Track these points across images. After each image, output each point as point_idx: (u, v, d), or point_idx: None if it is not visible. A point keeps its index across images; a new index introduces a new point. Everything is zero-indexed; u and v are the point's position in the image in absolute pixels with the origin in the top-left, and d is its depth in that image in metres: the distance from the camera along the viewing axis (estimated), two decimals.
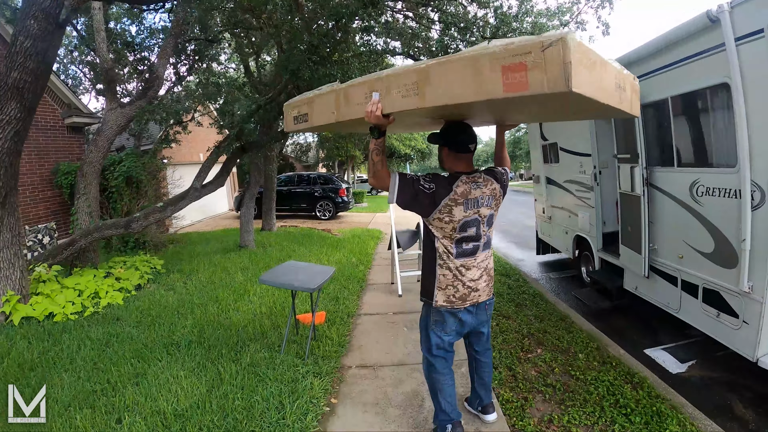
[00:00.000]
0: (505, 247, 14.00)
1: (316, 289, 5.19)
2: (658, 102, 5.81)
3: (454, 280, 3.50)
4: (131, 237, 12.03)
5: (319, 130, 4.04)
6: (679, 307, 5.81)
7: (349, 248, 12.59)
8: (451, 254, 3.47)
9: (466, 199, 3.35)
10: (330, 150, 33.07)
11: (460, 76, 2.33)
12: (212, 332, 6.13)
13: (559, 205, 9.43)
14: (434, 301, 3.56)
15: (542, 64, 2.00)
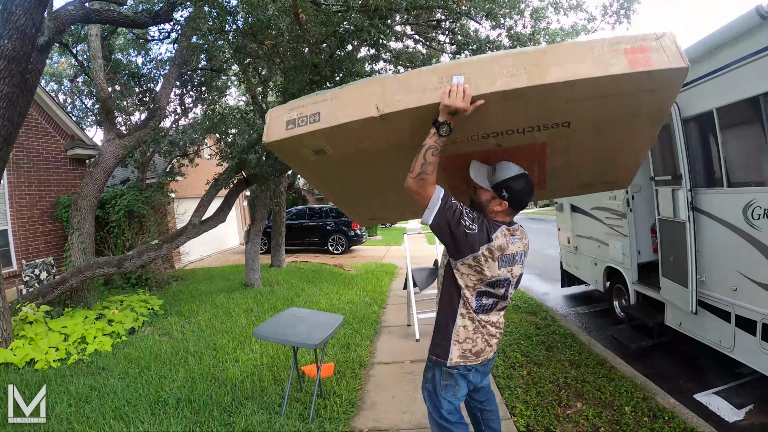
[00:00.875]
0: (527, 280, 13.20)
1: (318, 345, 4.50)
2: (701, 115, 5.16)
3: (474, 333, 2.99)
4: (132, 274, 11.49)
5: (330, 139, 2.69)
6: (732, 345, 5.07)
7: (362, 285, 11.87)
8: (470, 308, 2.95)
9: (502, 255, 2.84)
10: None
11: (580, 56, 2.37)
12: (205, 388, 5.43)
13: (587, 234, 8.72)
14: (449, 359, 3.00)
15: (660, 48, 2.32)
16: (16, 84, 5.71)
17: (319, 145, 2.71)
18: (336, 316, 5.33)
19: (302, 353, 6.43)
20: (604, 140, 2.84)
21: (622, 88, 2.41)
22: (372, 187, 3.27)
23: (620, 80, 2.33)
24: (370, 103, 2.53)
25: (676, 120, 5.34)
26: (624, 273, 7.44)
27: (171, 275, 13.47)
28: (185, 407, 4.95)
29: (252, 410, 4.85)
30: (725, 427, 4.70)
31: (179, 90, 11.93)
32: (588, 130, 2.71)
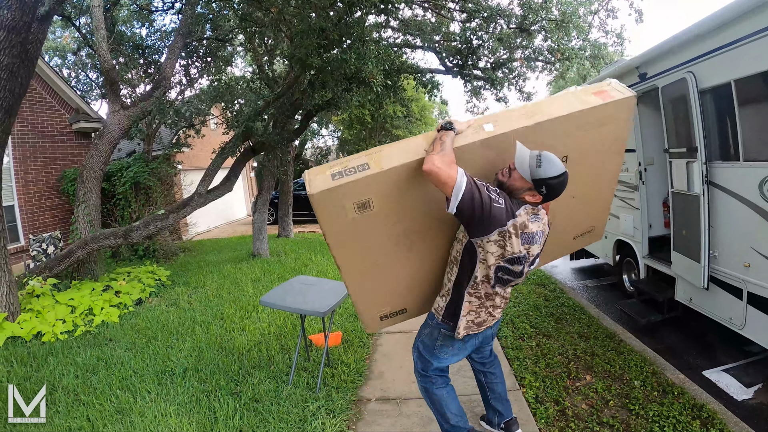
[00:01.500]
0: None
1: (327, 312, 4.45)
2: (719, 87, 4.97)
3: (479, 307, 3.16)
4: (140, 246, 11.50)
5: (380, 188, 2.81)
6: (743, 322, 4.95)
7: None
8: (489, 282, 3.03)
9: (523, 232, 2.91)
10: (350, 153, 32.47)
11: (567, 100, 3.22)
12: (212, 357, 5.43)
13: None
14: (456, 332, 3.18)
15: (612, 89, 3.33)
16: (16, 54, 5.61)
17: (366, 196, 2.79)
18: (343, 284, 5.22)
19: (309, 322, 6.42)
20: (579, 177, 3.27)
21: (597, 118, 3.23)
22: (404, 257, 3.20)
23: (597, 110, 3.18)
24: (418, 149, 2.84)
25: (693, 91, 5.18)
26: (634, 247, 7.34)
27: (178, 246, 13.46)
28: (192, 377, 4.95)
29: (259, 379, 4.85)
30: (733, 405, 4.64)
31: (184, 61, 11.77)
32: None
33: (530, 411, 4.35)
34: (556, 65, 10.92)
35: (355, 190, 2.74)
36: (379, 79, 7.65)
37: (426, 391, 3.52)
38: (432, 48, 10.29)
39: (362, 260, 3.12)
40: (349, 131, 28.65)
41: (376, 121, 28.60)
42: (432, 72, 10.80)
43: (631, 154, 6.98)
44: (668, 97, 5.85)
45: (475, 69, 10.44)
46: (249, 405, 4.34)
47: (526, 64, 10.73)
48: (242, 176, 24.06)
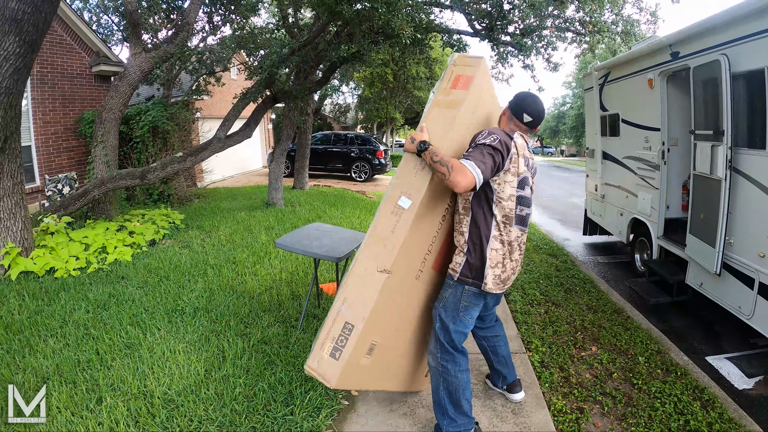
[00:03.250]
0: (548, 224, 13.14)
1: (342, 258, 4.43)
2: (753, 72, 4.85)
3: (504, 258, 3.10)
4: (155, 189, 11.63)
5: (376, 332, 3.00)
6: (752, 312, 4.95)
7: None
8: (511, 221, 3.08)
9: (524, 154, 3.11)
10: (369, 111, 32.33)
11: (442, 118, 3.19)
12: (223, 299, 5.50)
13: (616, 183, 8.54)
14: (483, 284, 3.06)
15: (464, 68, 3.33)
16: None
17: (368, 343, 2.96)
18: (359, 233, 5.26)
19: (321, 272, 6.47)
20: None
21: (472, 107, 3.27)
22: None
23: (469, 103, 3.20)
24: (376, 274, 2.91)
25: (725, 74, 5.06)
26: (650, 226, 7.31)
27: (193, 193, 13.55)
28: (202, 316, 5.04)
29: (269, 322, 4.93)
30: (734, 393, 4.65)
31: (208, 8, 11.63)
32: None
33: (535, 375, 4.40)
34: (586, 38, 10.74)
35: (359, 353, 2.89)
36: (408, 32, 7.56)
37: (445, 371, 3.23)
38: (461, 9, 10.13)
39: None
40: (370, 89, 28.40)
41: (398, 80, 28.38)
42: (460, 33, 10.64)
43: (654, 133, 6.92)
44: (699, 78, 5.74)
45: (503, 34, 10.28)
46: (257, 347, 4.41)
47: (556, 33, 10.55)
48: (260, 128, 24.04)
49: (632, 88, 7.60)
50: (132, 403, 3.53)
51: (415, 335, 3.48)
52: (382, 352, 3.08)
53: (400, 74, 27.56)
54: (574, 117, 49.93)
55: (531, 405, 3.93)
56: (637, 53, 7.20)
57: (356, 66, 22.12)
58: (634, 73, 7.43)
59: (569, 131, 53.47)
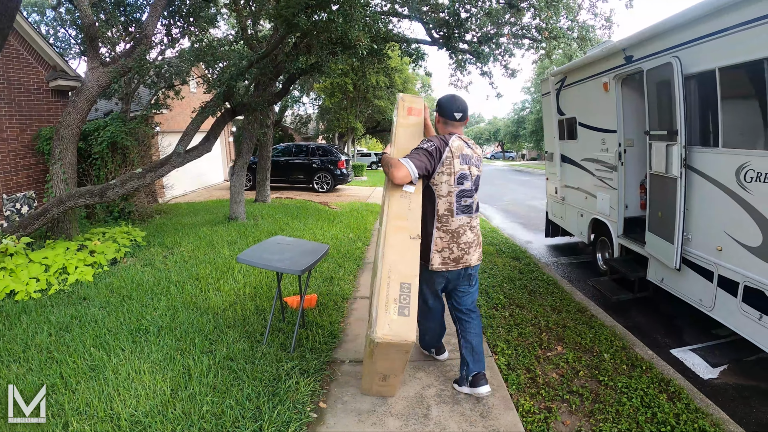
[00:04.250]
0: (510, 228, 13.30)
1: (303, 271, 4.40)
2: (704, 73, 5.02)
3: (449, 243, 3.83)
4: (115, 207, 11.40)
5: None
6: (713, 304, 5.12)
7: (346, 223, 11.90)
8: (453, 213, 3.82)
9: (461, 154, 3.81)
10: (330, 122, 32.30)
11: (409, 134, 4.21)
12: (186, 316, 5.41)
13: (575, 185, 8.70)
14: (430, 264, 3.84)
15: (414, 102, 4.42)
16: None
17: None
18: (321, 245, 5.25)
19: (285, 284, 6.46)
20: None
21: (420, 127, 4.29)
22: None
23: (420, 123, 4.31)
24: (410, 241, 3.55)
25: (677, 76, 5.22)
26: (610, 226, 7.46)
27: (154, 209, 13.32)
28: (167, 335, 4.94)
29: (234, 338, 4.86)
30: (699, 383, 4.77)
31: (166, 20, 11.49)
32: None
33: (502, 378, 4.43)
34: (543, 44, 10.91)
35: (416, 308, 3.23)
36: (365, 42, 7.59)
37: (421, 316, 4.12)
38: (419, 18, 10.21)
39: None
40: (330, 99, 28.40)
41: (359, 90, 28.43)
42: (418, 42, 10.70)
43: (611, 135, 7.09)
44: (652, 80, 5.90)
45: (461, 42, 10.39)
46: (223, 363, 4.35)
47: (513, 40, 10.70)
48: (220, 141, 23.83)
49: (588, 92, 7.77)
50: (99, 427, 3.45)
51: None
52: None
53: (360, 84, 27.62)
54: (533, 121, 50.91)
55: (499, 407, 3.96)
56: (592, 58, 7.36)
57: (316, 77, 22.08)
58: (590, 77, 7.60)
59: (529, 135, 54.42)
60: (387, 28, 10.15)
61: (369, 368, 3.60)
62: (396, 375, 3.66)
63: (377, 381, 3.77)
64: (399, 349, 3.10)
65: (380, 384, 3.83)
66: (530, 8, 10.14)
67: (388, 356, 3.24)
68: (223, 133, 23.22)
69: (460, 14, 9.86)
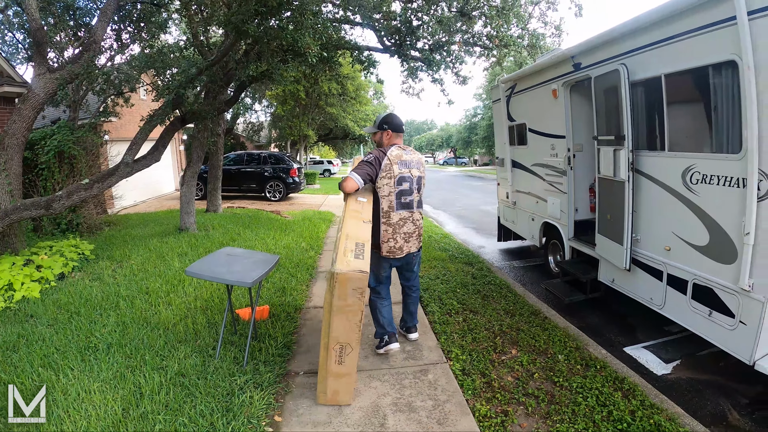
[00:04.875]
0: (463, 233, 13.40)
1: (253, 283, 4.34)
2: (649, 80, 5.17)
3: (393, 234, 4.79)
4: (63, 219, 11.02)
5: None
6: (663, 302, 5.26)
7: (298, 232, 11.80)
8: (393, 209, 4.75)
9: (400, 160, 4.75)
10: (283, 129, 32.08)
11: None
12: (137, 332, 5.26)
13: (526, 190, 8.82)
14: (381, 251, 4.80)
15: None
16: None
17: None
18: (271, 256, 5.20)
19: (236, 296, 6.36)
20: None
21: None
22: None
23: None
24: (363, 224, 4.22)
25: (624, 82, 5.36)
26: (560, 229, 7.58)
27: (104, 220, 12.94)
28: (117, 352, 4.79)
29: (185, 353, 4.75)
30: (653, 379, 4.88)
31: (116, 25, 11.19)
32: None
33: (457, 383, 4.45)
34: (494, 52, 11.01)
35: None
36: (315, 50, 7.55)
37: (373, 299, 4.93)
38: (371, 26, 10.20)
39: None
40: (282, 107, 28.22)
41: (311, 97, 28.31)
42: (369, 50, 10.69)
43: (560, 140, 7.20)
44: (600, 87, 6.04)
45: (413, 49, 10.42)
46: (175, 380, 4.24)
47: (464, 48, 10.79)
48: (171, 150, 23.45)
49: (538, 99, 7.89)
50: None
51: None
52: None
53: (312, 91, 27.52)
54: (485, 127, 51.29)
55: (455, 413, 3.97)
56: (542, 65, 7.48)
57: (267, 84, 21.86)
58: (539, 84, 7.72)
59: (481, 141, 54.93)
60: (338, 35, 10.13)
61: (325, 337, 3.81)
62: (352, 348, 3.82)
63: (333, 364, 3.84)
64: (356, 282, 3.54)
65: (336, 371, 3.89)
66: (481, 17, 10.21)
67: (346, 296, 3.59)
68: (174, 142, 22.86)
69: (412, 22, 9.88)
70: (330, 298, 3.65)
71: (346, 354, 3.80)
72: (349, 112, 32.55)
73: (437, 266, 8.59)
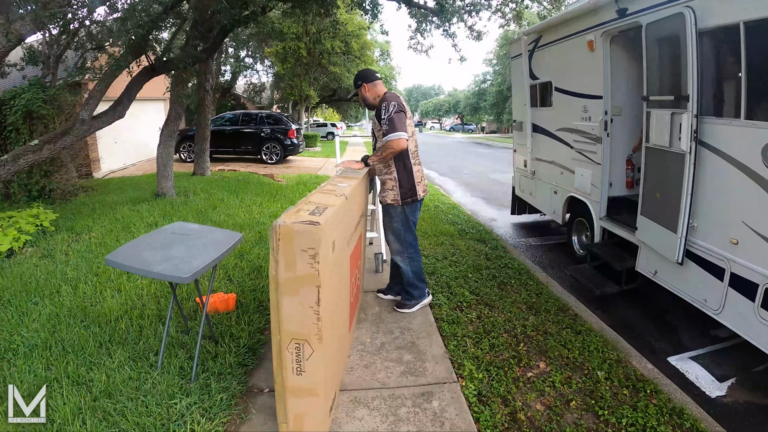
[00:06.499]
0: (472, 204, 12.31)
1: (191, 278, 3.12)
2: (724, 28, 4.02)
3: (421, 174, 4.76)
4: (34, 186, 9.94)
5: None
6: (721, 307, 4.21)
7: (289, 198, 10.67)
8: (417, 149, 4.77)
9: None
10: (284, 90, 30.84)
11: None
12: (70, 329, 4.18)
13: (549, 158, 7.71)
14: (417, 195, 4.63)
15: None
16: None
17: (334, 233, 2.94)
18: (232, 234, 3.94)
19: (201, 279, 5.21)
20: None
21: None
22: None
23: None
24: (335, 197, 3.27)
25: (690, 30, 4.19)
26: (590, 206, 6.50)
27: (82, 186, 11.95)
28: (38, 357, 3.75)
29: (120, 361, 3.68)
30: (707, 402, 3.92)
31: None
32: None
33: (472, 417, 3.32)
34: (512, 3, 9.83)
35: (333, 226, 2.89)
36: None
37: (412, 255, 4.76)
38: None
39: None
40: (282, 66, 26.90)
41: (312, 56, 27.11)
42: None
43: (595, 102, 6.14)
44: (654, 37, 4.86)
45: None
46: (99, 402, 3.19)
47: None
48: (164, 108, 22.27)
49: (568, 53, 6.77)
50: None
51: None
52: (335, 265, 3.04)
53: (314, 49, 26.29)
54: (494, 94, 51.56)
55: None
56: (576, 12, 6.33)
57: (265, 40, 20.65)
58: (571, 35, 6.59)
59: (490, 108, 54.65)
60: None
61: (276, 332, 2.74)
62: (312, 348, 2.72)
63: (290, 375, 2.76)
64: (307, 238, 2.57)
65: (295, 386, 2.78)
66: None
67: (294, 261, 2.60)
68: (169, 99, 21.75)
69: None
70: (275, 268, 2.63)
71: (305, 358, 2.71)
72: (354, 73, 31.31)
73: (445, 243, 7.48)
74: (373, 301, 5.21)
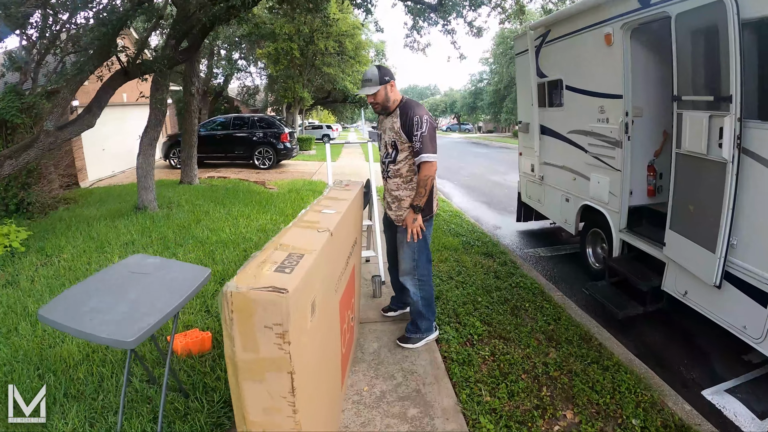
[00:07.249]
0: (474, 209, 11.74)
1: (134, 342, 2.36)
2: None
3: (436, 187, 4.43)
4: (11, 200, 9.41)
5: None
6: (763, 336, 3.71)
7: (281, 208, 10.06)
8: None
9: None
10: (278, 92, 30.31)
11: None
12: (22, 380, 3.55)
13: (559, 163, 7.17)
14: (433, 212, 4.36)
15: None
16: None
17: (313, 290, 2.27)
18: (200, 269, 3.22)
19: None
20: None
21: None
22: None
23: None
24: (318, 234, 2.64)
25: (732, 22, 3.65)
26: (608, 216, 5.97)
27: (64, 198, 11.40)
28: None
29: (74, 425, 3.07)
30: None
31: None
32: None
33: None
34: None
35: (312, 281, 2.21)
36: None
37: (428, 281, 4.42)
38: None
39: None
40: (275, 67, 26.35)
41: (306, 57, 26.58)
42: None
43: (613, 101, 5.61)
44: (687, 29, 4.32)
45: None
46: None
47: None
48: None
49: (581, 48, 6.25)
50: None
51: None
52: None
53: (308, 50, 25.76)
54: (491, 93, 51.71)
55: None
56: (590, 3, 5.80)
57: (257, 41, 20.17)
58: (585, 28, 6.07)
59: (487, 107, 55.02)
60: None
61: (241, 423, 2.07)
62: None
63: None
64: (271, 311, 1.86)
65: None
66: None
67: (255, 341, 1.91)
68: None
69: None
70: (230, 347, 1.95)
71: None
72: (348, 73, 30.98)
73: (449, 259, 6.88)
74: (371, 335, 4.59)
